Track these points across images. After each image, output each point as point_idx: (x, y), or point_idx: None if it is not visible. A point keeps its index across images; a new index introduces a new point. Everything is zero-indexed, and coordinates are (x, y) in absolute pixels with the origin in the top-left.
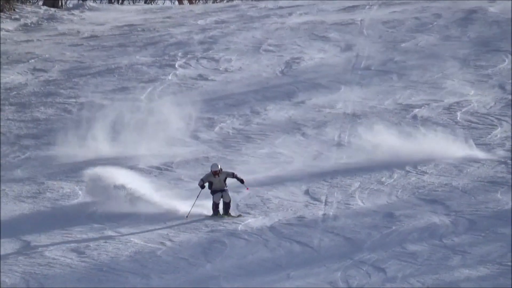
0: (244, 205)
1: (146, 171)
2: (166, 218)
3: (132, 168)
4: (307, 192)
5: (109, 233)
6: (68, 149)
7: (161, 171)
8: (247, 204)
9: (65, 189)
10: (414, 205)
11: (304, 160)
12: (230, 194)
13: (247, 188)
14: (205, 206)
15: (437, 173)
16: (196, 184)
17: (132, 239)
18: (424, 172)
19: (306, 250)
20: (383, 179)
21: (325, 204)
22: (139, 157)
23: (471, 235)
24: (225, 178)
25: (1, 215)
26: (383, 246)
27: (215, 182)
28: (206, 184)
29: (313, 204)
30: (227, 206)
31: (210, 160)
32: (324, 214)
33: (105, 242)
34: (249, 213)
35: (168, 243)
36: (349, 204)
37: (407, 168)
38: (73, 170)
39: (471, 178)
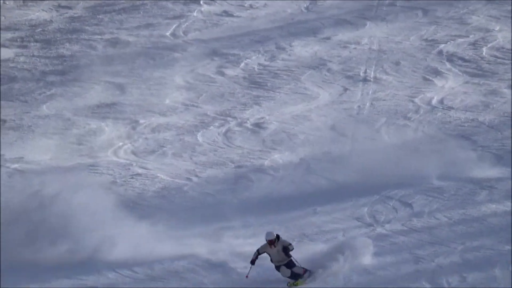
0: (271, 141)
1: (171, 108)
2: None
3: (158, 104)
4: (333, 128)
5: (136, 169)
6: (94, 85)
7: (186, 107)
8: (273, 140)
9: (91, 125)
10: (441, 140)
11: (330, 95)
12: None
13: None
14: None
15: (463, 108)
16: None
17: (159, 174)
18: (450, 107)
19: (333, 186)
20: (409, 115)
21: (352, 140)
22: (165, 94)
23: (497, 170)
24: (283, 249)
25: (28, 151)
26: (409, 181)
27: (272, 254)
28: (261, 256)
29: (339, 139)
30: (297, 276)
31: (236, 96)
32: (350, 150)
33: (132, 178)
34: (275, 149)
35: (195, 179)
36: (375, 140)
37: (433, 103)
38: (99, 106)
39: (497, 113)
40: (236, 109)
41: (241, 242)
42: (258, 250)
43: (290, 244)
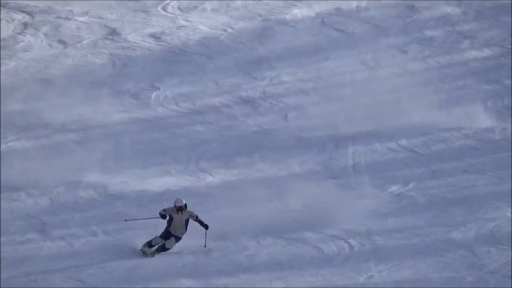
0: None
1: None
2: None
3: None
4: None
5: (181, 21)
6: None
7: None
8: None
9: None
10: None
11: None
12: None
13: (205, 246)
14: None
15: None
16: None
17: (200, 26)
18: None
19: (343, 36)
20: None
21: None
22: None
23: (478, 23)
24: (187, 219)
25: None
26: (406, 32)
27: (175, 220)
28: (167, 218)
29: None
30: (163, 249)
31: None
32: (357, 6)
33: (177, 29)
34: (295, 5)
35: (229, 30)
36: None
37: None
38: None
39: None
40: None
41: (267, 83)
42: (164, 210)
43: (197, 216)
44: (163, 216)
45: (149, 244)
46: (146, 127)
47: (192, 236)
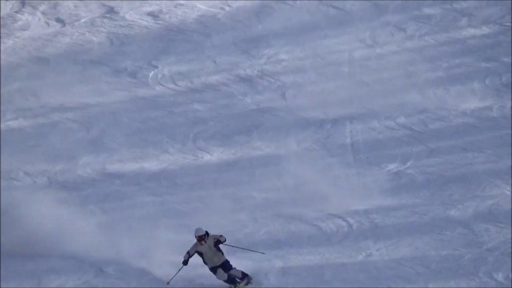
0: None
1: None
2: None
3: None
4: None
5: (178, 0)
6: None
7: None
8: None
9: None
10: None
11: None
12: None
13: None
14: None
15: None
16: None
17: (197, 4)
18: None
19: (340, 13)
20: None
21: None
22: None
23: (476, 0)
24: (215, 243)
25: None
26: (404, 9)
27: (205, 252)
28: (192, 257)
29: None
30: (230, 281)
31: None
32: None
33: (175, 7)
34: None
35: (227, 8)
36: None
37: None
38: None
39: None
40: None
41: (265, 61)
42: (188, 252)
43: (222, 235)
44: (185, 262)
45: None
46: (144, 106)
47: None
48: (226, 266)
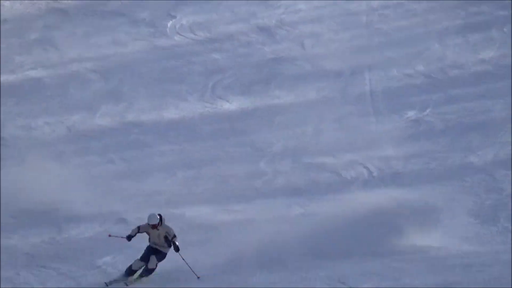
0: None
1: None
2: None
3: None
4: None
5: None
6: None
7: None
8: None
9: None
10: None
11: None
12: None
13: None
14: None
15: None
16: None
17: None
18: None
19: None
20: None
21: None
22: None
23: None
24: (165, 237)
25: None
26: None
27: (152, 236)
28: (137, 234)
29: None
30: (147, 271)
31: None
32: None
33: None
34: None
35: None
36: None
37: None
38: None
39: None
40: None
41: (283, 11)
42: (138, 227)
43: (175, 236)
44: (129, 238)
45: (130, 270)
46: (163, 56)
47: None
48: (160, 256)
